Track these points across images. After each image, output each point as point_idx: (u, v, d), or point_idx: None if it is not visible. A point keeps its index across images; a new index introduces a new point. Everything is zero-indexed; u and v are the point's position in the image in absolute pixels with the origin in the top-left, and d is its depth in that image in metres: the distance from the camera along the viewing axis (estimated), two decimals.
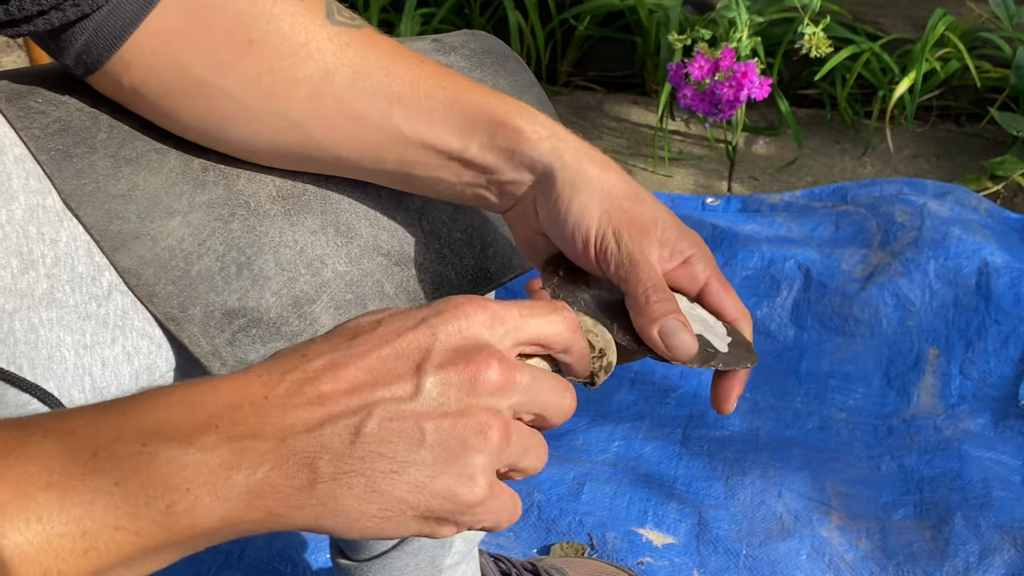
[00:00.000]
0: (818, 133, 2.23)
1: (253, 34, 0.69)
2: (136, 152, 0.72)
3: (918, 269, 1.66)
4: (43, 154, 0.69)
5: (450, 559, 0.96)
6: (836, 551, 1.28)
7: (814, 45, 1.82)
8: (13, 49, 2.49)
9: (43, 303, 0.67)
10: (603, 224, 0.66)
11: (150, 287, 0.70)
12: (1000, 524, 1.30)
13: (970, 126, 2.24)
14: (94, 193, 0.70)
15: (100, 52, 0.68)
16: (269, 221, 0.73)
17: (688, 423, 1.49)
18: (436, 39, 0.83)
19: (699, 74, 1.80)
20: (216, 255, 0.71)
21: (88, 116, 0.72)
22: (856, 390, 1.55)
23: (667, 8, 2.16)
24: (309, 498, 0.49)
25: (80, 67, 0.69)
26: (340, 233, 0.74)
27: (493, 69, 0.81)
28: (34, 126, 0.70)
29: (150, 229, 0.70)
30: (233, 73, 0.69)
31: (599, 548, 1.29)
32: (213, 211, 0.72)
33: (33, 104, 0.71)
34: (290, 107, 0.70)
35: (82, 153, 0.70)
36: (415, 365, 0.51)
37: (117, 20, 0.68)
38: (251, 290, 0.72)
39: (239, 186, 0.73)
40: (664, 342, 0.64)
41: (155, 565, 0.48)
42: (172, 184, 0.72)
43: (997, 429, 1.46)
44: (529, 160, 0.68)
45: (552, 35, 2.38)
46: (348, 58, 0.70)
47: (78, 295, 0.69)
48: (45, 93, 0.72)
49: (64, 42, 0.68)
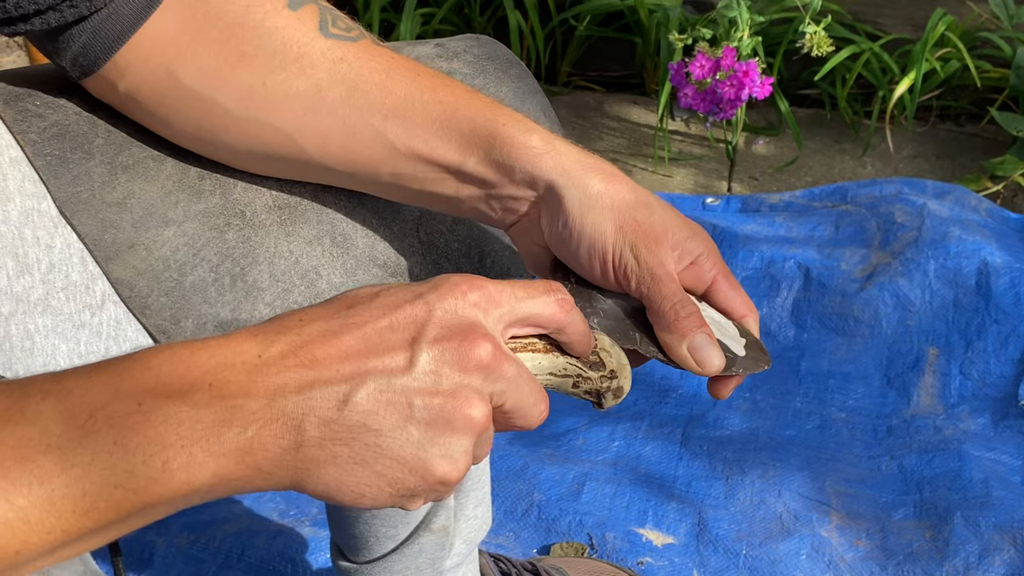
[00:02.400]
0: (818, 133, 2.23)
1: (245, 47, 0.68)
2: (133, 159, 0.72)
3: (918, 269, 1.66)
4: (39, 159, 0.69)
5: (450, 560, 0.96)
6: (836, 551, 1.28)
7: (816, 44, 1.82)
8: (13, 49, 2.50)
9: (38, 309, 0.67)
10: (619, 242, 0.66)
11: (143, 299, 0.70)
12: (1000, 524, 1.30)
13: (970, 126, 2.24)
14: (89, 201, 0.69)
15: (97, 55, 0.68)
16: (264, 231, 0.72)
17: (688, 423, 1.49)
18: (440, 44, 0.83)
19: (700, 73, 1.80)
20: (210, 266, 0.71)
21: (86, 120, 0.72)
22: (856, 390, 1.55)
23: (667, 8, 2.16)
24: (294, 459, 0.50)
25: (76, 69, 0.69)
26: (336, 244, 0.74)
27: (496, 76, 0.81)
28: (31, 130, 0.70)
29: (144, 239, 0.70)
30: (226, 85, 0.69)
31: (599, 548, 1.29)
32: (208, 220, 0.71)
33: (31, 107, 0.71)
34: (283, 121, 0.69)
35: (78, 159, 0.70)
36: (410, 338, 0.51)
37: (115, 24, 0.68)
38: (244, 301, 0.71)
39: (235, 195, 0.73)
40: (694, 357, 0.64)
41: (151, 519, 0.49)
42: (168, 192, 0.71)
43: (997, 429, 1.46)
44: (529, 176, 0.68)
45: (552, 35, 2.38)
46: (342, 73, 0.69)
47: (72, 304, 0.68)
48: (43, 96, 0.72)
49: (61, 44, 0.68)
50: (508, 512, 1.34)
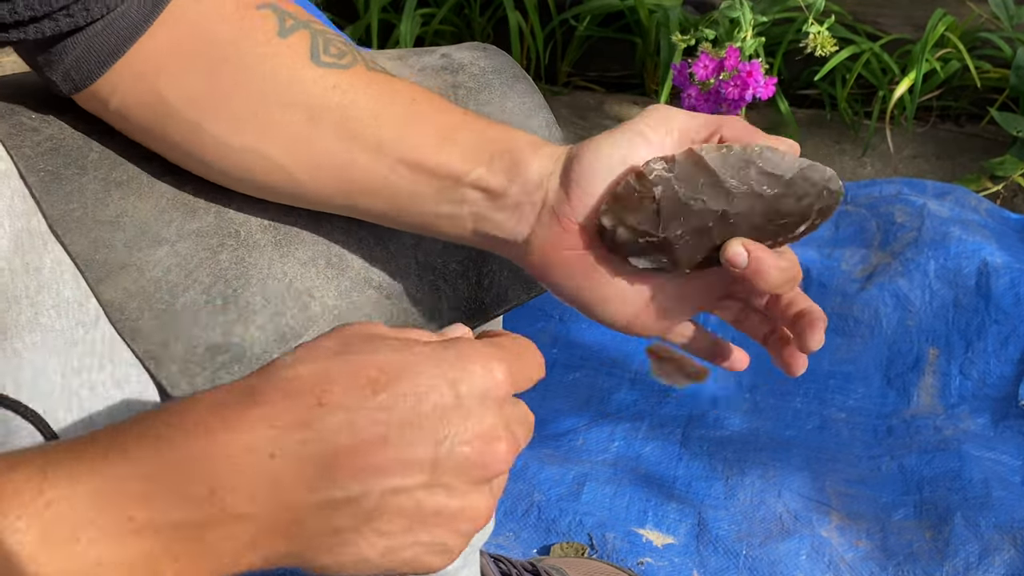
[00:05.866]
0: (818, 133, 2.23)
1: (237, 76, 0.67)
2: (127, 175, 0.70)
3: (918, 269, 1.66)
4: (32, 175, 0.68)
5: (452, 563, 0.95)
6: (836, 551, 1.28)
7: (819, 44, 1.82)
8: None
9: (25, 330, 0.64)
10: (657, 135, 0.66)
11: (133, 322, 0.68)
12: (1000, 524, 1.30)
13: (970, 126, 2.24)
14: (81, 219, 0.68)
15: (90, 69, 0.67)
16: (259, 252, 0.71)
17: (688, 423, 1.49)
18: (445, 55, 0.81)
19: (704, 74, 1.80)
20: (203, 287, 0.69)
21: (80, 134, 0.70)
22: (856, 390, 1.55)
23: (667, 8, 2.16)
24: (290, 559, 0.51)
25: (68, 84, 0.68)
26: (331, 265, 0.73)
27: (501, 91, 0.79)
28: (25, 144, 0.68)
29: (136, 259, 0.68)
30: (217, 115, 0.68)
31: (599, 548, 1.29)
32: (202, 240, 0.70)
33: (25, 120, 0.69)
34: (274, 151, 0.68)
35: (72, 175, 0.69)
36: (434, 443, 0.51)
37: (109, 39, 0.66)
38: (236, 324, 0.70)
39: (230, 214, 0.71)
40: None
41: None
42: (162, 211, 0.70)
43: (997, 429, 1.46)
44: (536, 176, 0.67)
45: (552, 35, 2.38)
46: (335, 102, 0.68)
47: (64, 320, 0.66)
48: (38, 108, 0.70)
49: (53, 56, 0.67)
50: (508, 512, 1.34)
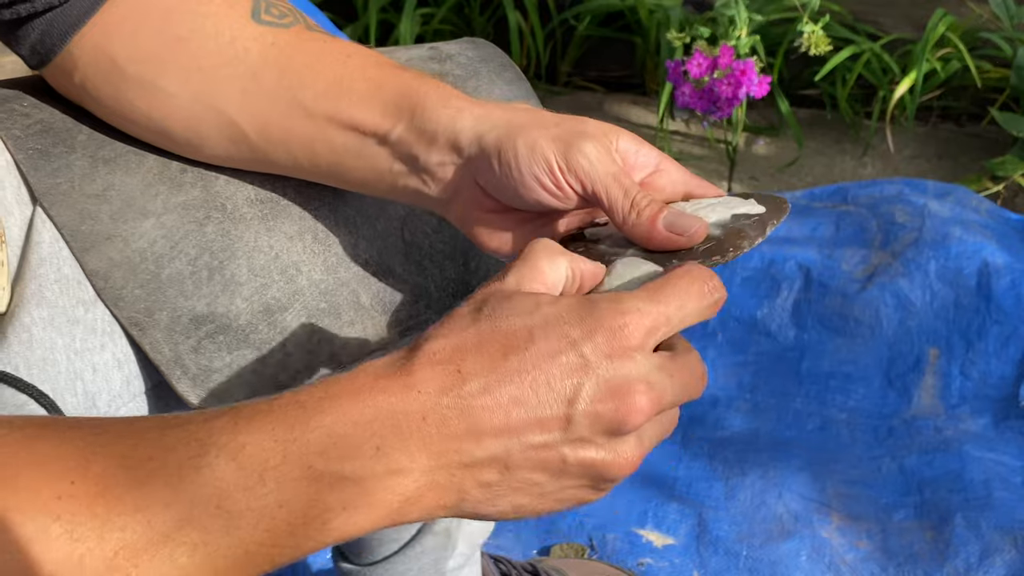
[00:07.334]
0: (818, 133, 2.23)
1: (180, 31, 0.70)
2: (115, 152, 0.72)
3: (919, 269, 1.66)
4: (20, 153, 0.70)
5: (453, 562, 0.95)
6: (836, 552, 1.28)
7: (813, 43, 1.82)
8: None
9: (33, 301, 0.67)
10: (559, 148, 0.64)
11: (117, 290, 0.69)
12: (1001, 525, 1.30)
13: (971, 126, 2.24)
14: (68, 192, 0.70)
15: (53, 43, 0.70)
16: (245, 225, 0.72)
17: (688, 423, 1.49)
18: (433, 47, 0.82)
19: (697, 71, 1.79)
20: (188, 259, 0.70)
21: (71, 119, 0.72)
22: (856, 391, 1.55)
23: (667, 8, 2.16)
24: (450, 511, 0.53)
25: (35, 57, 0.71)
26: (318, 240, 0.73)
27: (488, 78, 0.80)
28: (15, 127, 0.71)
29: (122, 230, 0.70)
30: (167, 70, 0.70)
31: (599, 549, 1.29)
32: (188, 213, 0.71)
33: (18, 107, 0.72)
34: (224, 103, 0.70)
35: (60, 153, 0.71)
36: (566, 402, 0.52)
37: (71, 13, 0.69)
38: (221, 295, 0.71)
39: (217, 188, 0.73)
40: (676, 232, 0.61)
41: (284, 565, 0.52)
42: (148, 185, 0.71)
43: (998, 430, 1.46)
44: (452, 135, 0.66)
45: (552, 35, 2.38)
46: (273, 57, 0.70)
47: (65, 297, 0.68)
48: (31, 99, 0.73)
49: (22, 32, 0.70)
50: None
